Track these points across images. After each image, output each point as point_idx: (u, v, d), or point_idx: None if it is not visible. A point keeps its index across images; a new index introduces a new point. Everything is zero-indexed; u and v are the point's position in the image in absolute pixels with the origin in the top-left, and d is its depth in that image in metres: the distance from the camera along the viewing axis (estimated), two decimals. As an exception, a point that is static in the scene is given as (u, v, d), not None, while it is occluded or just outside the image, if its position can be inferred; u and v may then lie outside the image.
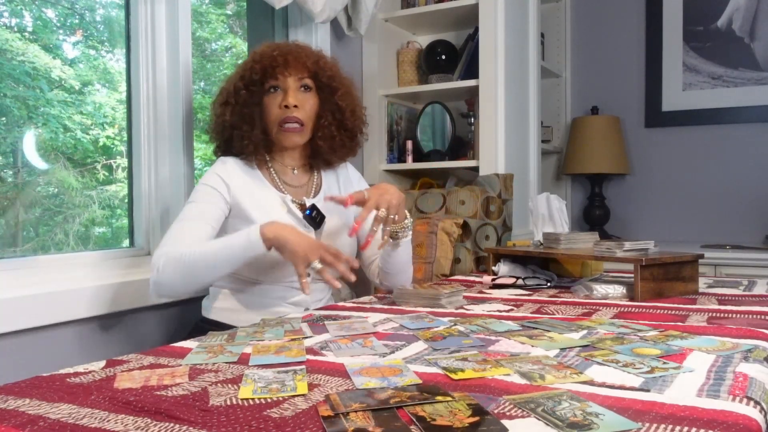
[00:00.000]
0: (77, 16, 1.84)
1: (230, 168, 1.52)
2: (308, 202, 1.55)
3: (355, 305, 1.42)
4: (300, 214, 1.52)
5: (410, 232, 1.53)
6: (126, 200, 1.83)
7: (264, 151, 1.56)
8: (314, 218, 1.53)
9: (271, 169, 1.58)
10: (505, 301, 1.44)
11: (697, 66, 3.06)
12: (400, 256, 1.54)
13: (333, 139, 1.58)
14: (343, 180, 1.69)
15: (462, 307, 1.36)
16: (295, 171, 1.61)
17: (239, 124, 1.52)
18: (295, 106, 1.51)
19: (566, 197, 3.32)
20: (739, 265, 2.53)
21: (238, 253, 1.34)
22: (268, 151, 1.58)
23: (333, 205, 1.55)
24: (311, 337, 1.08)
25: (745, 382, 0.77)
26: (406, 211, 1.51)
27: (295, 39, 2.30)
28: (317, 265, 1.32)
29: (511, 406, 0.70)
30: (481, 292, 1.59)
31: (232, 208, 1.49)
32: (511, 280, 1.65)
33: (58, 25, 1.80)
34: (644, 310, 1.29)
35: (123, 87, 1.83)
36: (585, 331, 1.07)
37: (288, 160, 1.60)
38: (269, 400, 0.74)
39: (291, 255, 1.31)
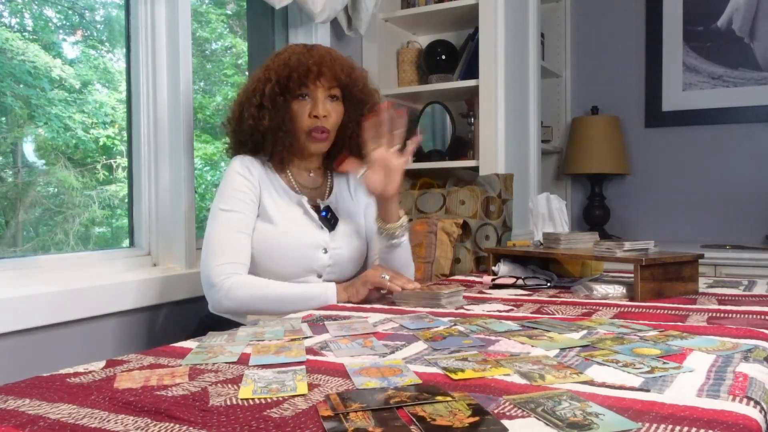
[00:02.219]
0: (77, 16, 1.84)
1: (252, 169, 1.53)
2: (322, 204, 1.58)
3: (355, 305, 1.42)
4: (315, 216, 1.55)
5: (407, 233, 1.56)
6: (126, 200, 1.83)
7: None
8: (329, 220, 1.56)
9: (288, 171, 1.60)
10: (505, 301, 1.44)
11: (697, 66, 3.06)
12: (398, 257, 1.56)
13: (360, 149, 1.60)
14: (354, 183, 1.70)
15: (462, 307, 1.36)
16: (311, 173, 1.63)
17: (275, 130, 1.52)
18: (324, 116, 1.52)
19: (566, 197, 3.32)
20: (739, 265, 2.53)
21: (309, 306, 1.42)
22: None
23: (346, 208, 1.63)
24: (311, 337, 1.08)
25: (745, 382, 0.77)
26: (402, 212, 1.54)
27: (295, 39, 2.30)
28: (386, 275, 1.42)
29: (511, 406, 0.70)
30: (481, 292, 1.59)
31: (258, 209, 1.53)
32: (511, 280, 1.65)
33: (58, 25, 1.80)
34: (644, 310, 1.29)
35: (123, 87, 1.82)
36: (585, 331, 1.07)
37: (305, 162, 1.62)
38: (269, 400, 0.74)
39: (365, 290, 1.44)
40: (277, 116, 1.51)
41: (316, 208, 1.57)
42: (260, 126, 1.52)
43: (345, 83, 1.56)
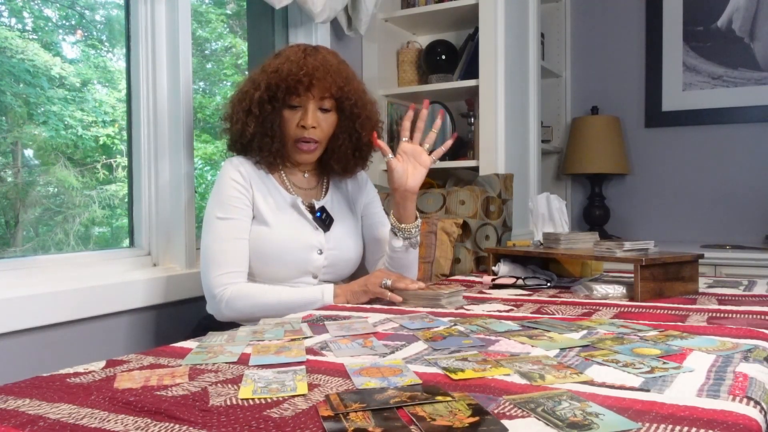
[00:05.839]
0: (77, 16, 1.84)
1: (244, 172, 1.52)
2: (317, 205, 1.57)
3: (355, 305, 1.42)
4: (310, 216, 1.54)
5: (419, 234, 1.57)
6: (126, 200, 1.83)
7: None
8: (324, 220, 1.55)
9: (282, 172, 1.59)
10: (505, 301, 1.44)
11: (697, 66, 3.06)
12: (409, 257, 1.57)
13: (348, 161, 1.60)
14: (352, 182, 1.69)
15: (462, 307, 1.36)
16: (306, 174, 1.62)
17: (262, 136, 1.52)
18: (313, 127, 1.51)
19: (566, 197, 3.32)
20: (739, 265, 2.52)
21: (309, 306, 1.43)
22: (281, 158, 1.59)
23: (343, 209, 1.62)
24: (311, 337, 1.08)
25: (745, 382, 0.77)
26: (417, 212, 1.55)
27: (295, 39, 2.30)
28: (388, 281, 1.41)
29: (511, 406, 0.70)
30: (481, 292, 1.59)
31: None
32: (511, 280, 1.65)
33: (58, 24, 1.80)
34: (644, 310, 1.29)
35: (123, 86, 1.82)
36: (585, 331, 1.07)
37: (299, 165, 1.61)
38: (269, 400, 0.74)
39: (366, 298, 1.44)
40: (265, 123, 1.51)
41: (311, 209, 1.57)
42: (247, 131, 1.52)
43: (337, 96, 1.53)
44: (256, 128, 1.51)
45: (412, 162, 1.50)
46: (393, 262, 1.56)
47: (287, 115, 1.52)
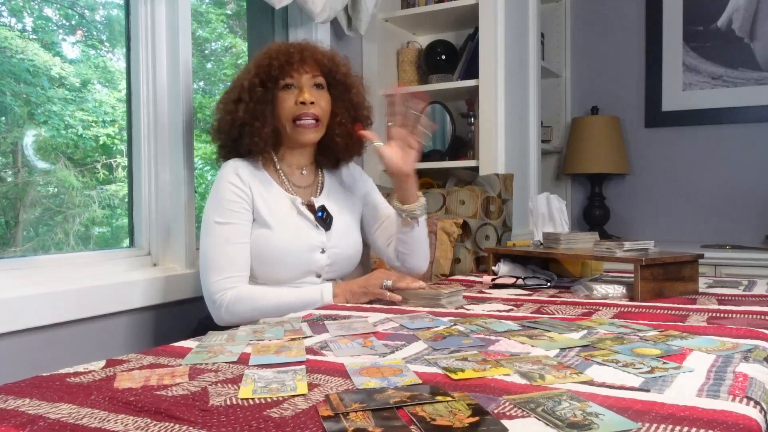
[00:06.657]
0: (77, 16, 1.84)
1: (241, 174, 1.51)
2: (317, 203, 1.57)
3: (355, 305, 1.42)
4: (310, 215, 1.54)
5: (425, 213, 1.58)
6: (126, 200, 1.83)
7: (272, 150, 1.57)
8: (324, 219, 1.55)
9: (279, 170, 1.58)
10: (505, 301, 1.44)
11: (697, 66, 3.06)
12: (416, 236, 1.57)
13: (351, 136, 1.60)
14: (347, 177, 1.70)
15: (462, 307, 1.36)
16: (304, 171, 1.62)
17: (250, 121, 1.50)
18: (312, 103, 1.51)
19: (566, 197, 3.32)
20: (739, 265, 2.53)
21: (309, 307, 1.42)
22: (276, 150, 1.58)
23: (340, 206, 1.62)
24: (311, 336, 1.08)
25: (745, 382, 0.77)
26: (420, 192, 1.57)
27: (295, 38, 2.30)
28: (389, 281, 1.42)
29: (511, 406, 0.70)
30: (481, 292, 1.59)
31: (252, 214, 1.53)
32: (511, 280, 1.65)
33: (58, 24, 1.80)
34: (644, 310, 1.29)
35: (123, 86, 1.82)
36: (585, 331, 1.07)
37: (297, 159, 1.60)
38: (269, 400, 0.74)
39: (366, 299, 1.43)
40: (255, 108, 1.50)
41: (311, 208, 1.56)
42: (236, 121, 1.51)
43: (328, 68, 1.56)
44: (244, 114, 1.50)
45: (402, 146, 1.52)
46: (403, 245, 1.58)
47: (282, 95, 1.52)
